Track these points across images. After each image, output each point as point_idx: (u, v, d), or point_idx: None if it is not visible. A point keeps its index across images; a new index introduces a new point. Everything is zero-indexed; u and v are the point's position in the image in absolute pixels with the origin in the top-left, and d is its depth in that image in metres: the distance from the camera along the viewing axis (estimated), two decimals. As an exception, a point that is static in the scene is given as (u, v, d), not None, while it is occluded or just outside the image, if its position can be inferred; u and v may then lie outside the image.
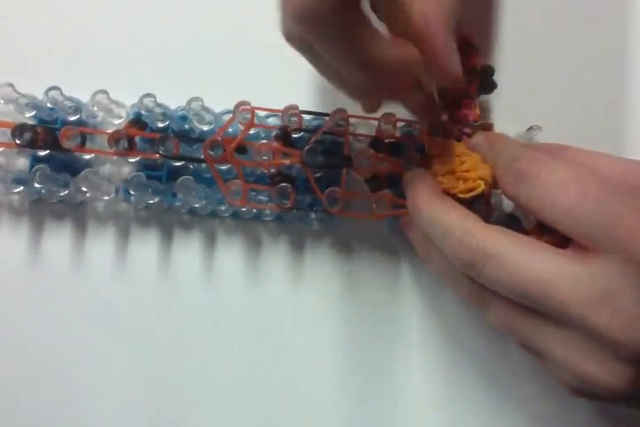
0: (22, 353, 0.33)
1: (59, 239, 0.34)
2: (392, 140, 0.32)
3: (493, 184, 0.29)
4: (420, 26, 0.27)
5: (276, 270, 0.34)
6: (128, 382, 0.33)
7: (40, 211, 0.34)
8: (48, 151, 0.31)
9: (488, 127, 0.32)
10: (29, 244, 0.34)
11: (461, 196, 0.29)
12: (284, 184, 0.31)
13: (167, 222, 0.34)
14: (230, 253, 0.34)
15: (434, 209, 0.28)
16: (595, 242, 0.24)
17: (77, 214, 0.34)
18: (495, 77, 0.33)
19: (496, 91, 0.34)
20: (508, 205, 0.34)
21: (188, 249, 0.34)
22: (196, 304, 0.34)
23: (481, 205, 0.29)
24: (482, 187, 0.28)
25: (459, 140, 0.31)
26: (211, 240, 0.35)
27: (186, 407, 0.33)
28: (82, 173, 0.31)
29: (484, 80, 0.33)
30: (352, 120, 0.33)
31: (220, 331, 0.34)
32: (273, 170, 0.32)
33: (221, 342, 0.34)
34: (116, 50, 0.36)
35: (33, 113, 0.32)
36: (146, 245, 0.34)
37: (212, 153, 0.31)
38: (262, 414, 0.34)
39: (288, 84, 0.34)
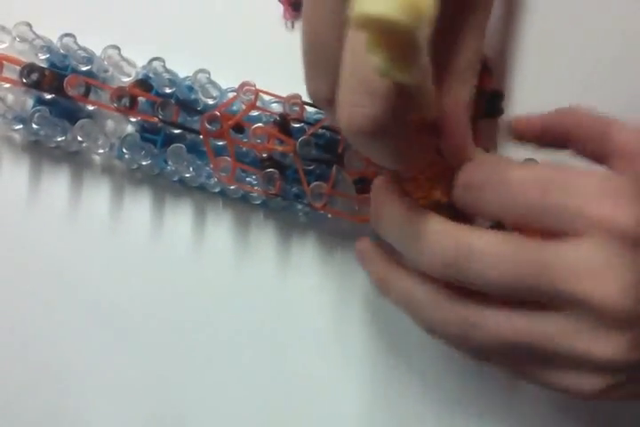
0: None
1: (56, 181, 0.35)
2: (387, 148, 0.32)
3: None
4: (451, 113, 0.26)
5: (263, 251, 0.35)
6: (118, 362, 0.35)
7: (39, 152, 0.35)
8: (53, 96, 0.32)
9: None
10: (29, 181, 0.35)
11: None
12: (271, 170, 0.31)
13: (160, 186, 0.35)
14: (220, 226, 0.35)
15: (402, 213, 0.27)
16: (569, 227, 0.23)
17: (75, 162, 0.35)
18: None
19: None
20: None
21: (179, 215, 0.35)
22: (184, 273, 0.35)
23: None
24: (437, 196, 0.27)
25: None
26: (201, 212, 0.35)
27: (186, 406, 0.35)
28: (79, 122, 0.31)
29: (491, 105, 0.32)
30: (354, 120, 0.33)
31: (206, 304, 0.35)
32: (265, 155, 0.32)
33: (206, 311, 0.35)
34: (138, 10, 0.36)
35: (46, 56, 0.32)
36: (138, 204, 0.35)
37: (208, 127, 0.31)
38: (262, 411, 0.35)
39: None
